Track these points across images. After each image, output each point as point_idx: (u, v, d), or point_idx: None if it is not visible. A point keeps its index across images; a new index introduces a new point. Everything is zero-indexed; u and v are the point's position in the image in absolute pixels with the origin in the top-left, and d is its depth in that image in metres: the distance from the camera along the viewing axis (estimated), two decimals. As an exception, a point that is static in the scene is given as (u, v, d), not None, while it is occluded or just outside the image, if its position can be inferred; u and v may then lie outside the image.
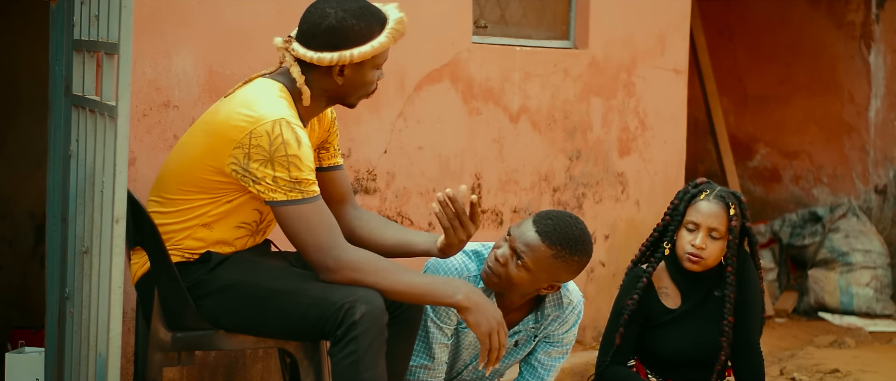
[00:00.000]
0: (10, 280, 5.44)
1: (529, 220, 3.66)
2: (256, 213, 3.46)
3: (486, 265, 3.68)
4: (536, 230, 3.60)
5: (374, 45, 3.39)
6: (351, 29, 3.37)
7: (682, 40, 6.14)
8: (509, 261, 3.62)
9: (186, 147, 3.44)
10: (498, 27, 5.38)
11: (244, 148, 3.28)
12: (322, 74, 3.42)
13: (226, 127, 3.32)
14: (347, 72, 3.41)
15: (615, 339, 4.08)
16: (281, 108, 3.33)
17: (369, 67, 3.44)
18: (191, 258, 3.42)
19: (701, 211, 4.03)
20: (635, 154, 5.92)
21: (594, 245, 5.74)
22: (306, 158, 3.29)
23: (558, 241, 3.61)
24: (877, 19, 7.79)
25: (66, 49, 3.63)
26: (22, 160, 5.41)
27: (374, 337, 3.27)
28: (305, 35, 3.41)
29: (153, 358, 3.43)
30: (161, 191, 3.46)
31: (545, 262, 3.61)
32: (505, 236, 3.67)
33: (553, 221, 3.64)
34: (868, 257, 7.46)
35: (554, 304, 3.85)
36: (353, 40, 3.38)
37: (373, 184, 4.72)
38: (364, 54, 3.38)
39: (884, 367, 6.11)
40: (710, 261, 4.05)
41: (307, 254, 3.32)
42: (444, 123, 4.96)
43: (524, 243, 3.60)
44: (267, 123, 3.27)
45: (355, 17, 3.38)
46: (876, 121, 7.85)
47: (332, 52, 3.37)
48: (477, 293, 3.39)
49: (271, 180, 3.27)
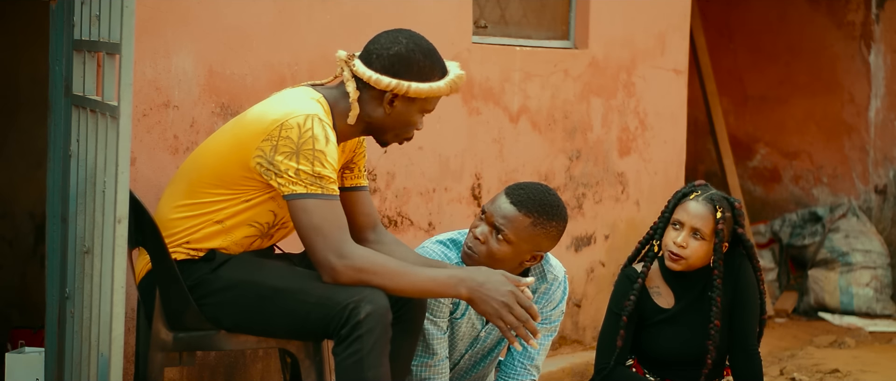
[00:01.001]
0: (10, 280, 5.44)
1: (502, 194, 3.73)
2: (271, 214, 3.47)
3: (465, 247, 3.73)
4: (512, 202, 3.68)
5: (432, 87, 3.45)
6: (417, 62, 3.43)
7: (682, 40, 6.14)
8: (489, 238, 3.69)
9: (213, 143, 3.48)
10: (498, 27, 5.38)
11: (272, 140, 3.31)
12: (373, 98, 3.46)
13: (257, 120, 3.37)
14: (398, 104, 3.46)
15: (617, 341, 4.08)
16: (315, 107, 3.38)
17: (418, 108, 3.49)
18: (195, 256, 3.42)
19: (687, 210, 4.05)
20: (635, 154, 5.92)
21: (594, 245, 5.78)
22: (331, 156, 3.32)
23: (535, 209, 3.68)
24: (877, 19, 7.79)
25: (66, 49, 3.63)
26: (22, 160, 5.41)
27: (379, 336, 3.28)
28: (370, 55, 3.46)
29: (154, 358, 3.43)
30: (179, 186, 3.47)
31: (525, 232, 3.67)
32: (479, 215, 3.74)
33: (526, 191, 3.72)
34: (868, 257, 7.46)
35: (538, 277, 3.89)
36: (416, 74, 3.43)
37: (373, 184, 4.72)
38: (419, 92, 3.43)
39: (884, 367, 6.11)
40: (692, 261, 4.05)
41: (313, 251, 3.33)
42: (444, 123, 4.96)
43: (502, 216, 3.67)
44: (299, 116, 3.32)
45: (423, 54, 3.45)
46: (876, 121, 7.85)
47: (393, 78, 3.41)
48: (478, 281, 3.37)
49: (294, 173, 3.30)
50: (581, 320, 5.73)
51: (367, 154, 4.68)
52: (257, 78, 4.23)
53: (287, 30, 4.34)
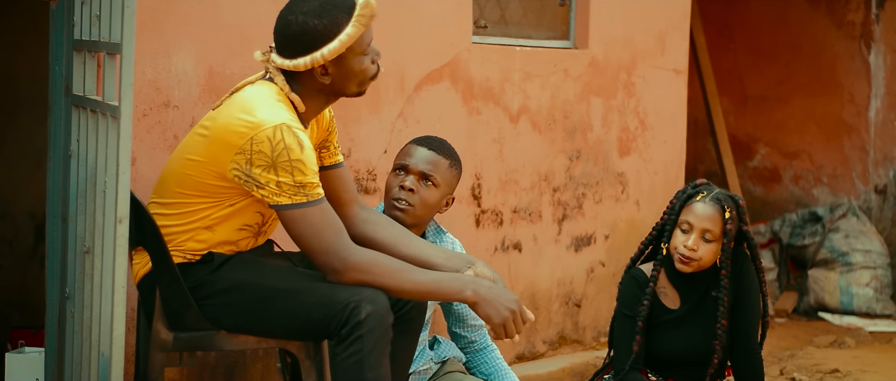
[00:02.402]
0: (10, 280, 5.43)
1: (413, 146, 4.03)
2: (258, 215, 3.46)
3: (392, 201, 3.96)
4: (430, 149, 4.02)
5: (342, 39, 3.37)
6: (314, 29, 3.35)
7: (682, 40, 6.14)
8: (419, 186, 3.96)
9: (187, 151, 3.43)
10: (498, 27, 5.38)
11: (246, 154, 3.28)
12: (308, 77, 3.42)
13: (226, 132, 3.32)
14: (330, 69, 3.41)
15: (633, 346, 4.06)
16: (280, 112, 3.32)
17: (352, 57, 3.41)
18: (193, 259, 3.42)
19: (695, 212, 4.04)
20: (635, 154, 5.92)
21: (594, 245, 5.78)
22: (309, 161, 3.29)
23: (448, 153, 4.05)
24: (877, 19, 7.79)
25: (66, 49, 3.63)
26: (22, 160, 5.41)
27: (379, 337, 3.27)
28: (279, 45, 3.43)
29: (154, 359, 3.42)
30: (162, 193, 3.46)
31: (448, 173, 4.02)
32: (394, 171, 4.01)
33: (434, 139, 4.07)
34: (868, 257, 7.46)
35: (434, 232, 4.15)
36: (321, 40, 3.36)
37: (373, 184, 4.72)
38: (334, 50, 3.36)
39: (884, 367, 6.11)
40: (703, 263, 4.05)
41: (314, 257, 3.33)
42: (444, 123, 4.96)
43: (426, 162, 3.99)
44: (267, 129, 3.27)
45: (317, 17, 3.36)
46: (876, 121, 7.85)
47: (305, 56, 3.37)
48: (485, 286, 3.38)
49: (275, 185, 3.27)
50: (581, 320, 5.73)
51: (367, 155, 4.69)
52: (257, 78, 4.23)
53: (287, 30, 4.33)
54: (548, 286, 5.54)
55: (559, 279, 5.59)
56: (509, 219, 5.31)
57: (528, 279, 5.43)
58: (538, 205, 5.43)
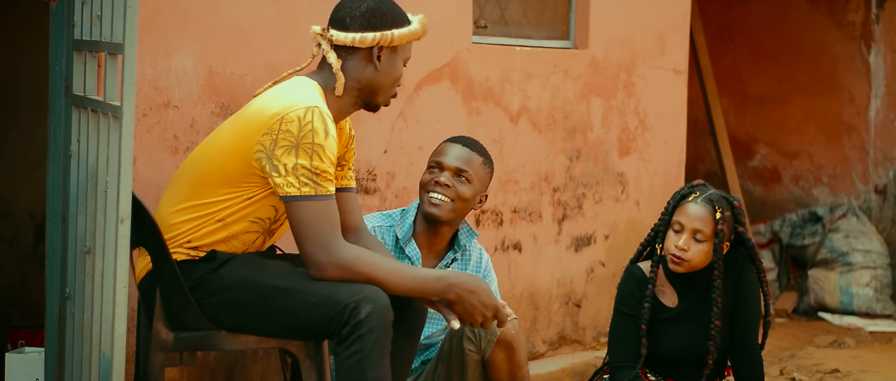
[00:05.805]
0: (10, 280, 5.44)
1: (448, 145, 4.10)
2: (272, 209, 3.47)
3: (431, 198, 4.02)
4: (463, 145, 4.09)
5: (411, 30, 3.50)
6: (390, 10, 3.47)
7: (682, 40, 6.14)
8: (453, 182, 4.02)
9: (214, 141, 3.47)
10: (498, 27, 5.38)
11: (273, 134, 3.30)
12: (358, 61, 3.48)
13: (257, 114, 3.37)
14: (384, 57, 3.48)
15: (633, 347, 4.06)
16: (316, 98, 3.38)
17: (401, 57, 3.53)
18: (195, 256, 3.42)
19: (687, 213, 4.05)
20: (635, 154, 5.92)
21: (594, 245, 5.78)
22: (330, 150, 3.32)
23: (482, 150, 4.13)
24: (877, 19, 7.79)
25: (67, 49, 3.63)
26: (22, 160, 5.41)
27: (380, 336, 3.27)
28: (342, 21, 3.47)
29: (155, 359, 3.42)
30: (180, 187, 3.46)
31: (480, 171, 4.09)
32: (429, 169, 4.07)
33: (467, 138, 4.15)
34: (868, 257, 7.46)
35: (466, 233, 4.18)
36: (393, 21, 3.48)
37: (373, 184, 4.72)
38: (403, 37, 3.48)
39: (884, 367, 6.11)
40: (694, 263, 4.06)
41: (302, 246, 3.33)
42: (443, 123, 4.96)
43: (461, 160, 4.06)
44: (300, 109, 3.31)
45: (389, 4, 3.49)
46: (876, 121, 7.85)
47: (375, 31, 3.45)
48: (468, 288, 3.39)
49: (292, 168, 3.29)
50: (581, 320, 5.73)
51: (367, 155, 4.69)
52: (257, 78, 4.23)
53: (287, 30, 4.34)
54: (548, 286, 5.54)
55: (559, 279, 5.60)
56: (509, 219, 5.31)
57: (528, 279, 5.43)
58: (538, 205, 5.43)
